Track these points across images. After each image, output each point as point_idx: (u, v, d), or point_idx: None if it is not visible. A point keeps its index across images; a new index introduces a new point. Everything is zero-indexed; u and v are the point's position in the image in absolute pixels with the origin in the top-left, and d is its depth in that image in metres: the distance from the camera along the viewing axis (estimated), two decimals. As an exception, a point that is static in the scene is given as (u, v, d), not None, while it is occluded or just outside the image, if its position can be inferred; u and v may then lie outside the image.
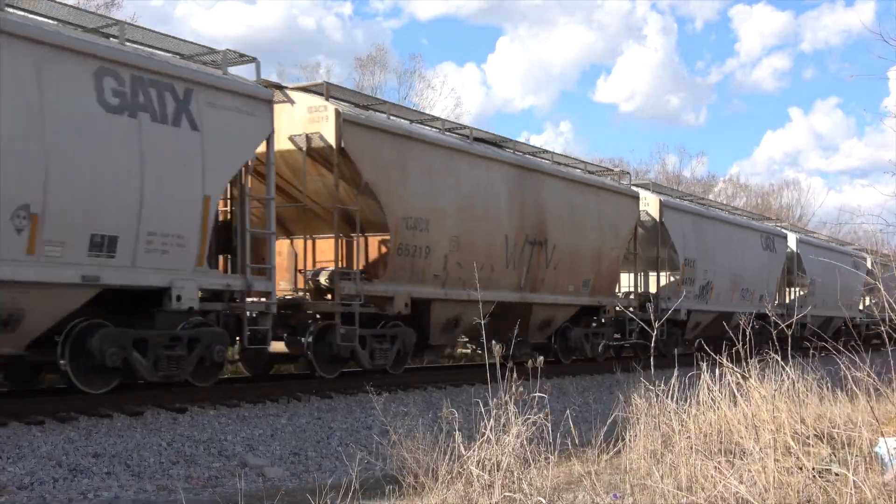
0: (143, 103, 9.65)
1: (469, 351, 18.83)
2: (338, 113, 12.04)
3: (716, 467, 5.30)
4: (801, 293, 27.20)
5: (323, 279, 12.54)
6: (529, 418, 5.27)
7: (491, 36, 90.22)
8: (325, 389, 12.25)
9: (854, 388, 6.58)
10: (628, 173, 21.81)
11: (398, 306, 12.87)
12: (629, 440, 6.34)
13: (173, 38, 10.86)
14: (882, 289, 6.67)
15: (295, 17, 65.20)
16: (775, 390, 6.63)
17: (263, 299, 11.42)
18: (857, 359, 6.28)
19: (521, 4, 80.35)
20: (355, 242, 12.89)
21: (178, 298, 10.03)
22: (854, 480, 4.77)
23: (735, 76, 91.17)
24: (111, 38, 10.07)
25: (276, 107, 11.59)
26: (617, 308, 18.07)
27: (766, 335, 6.63)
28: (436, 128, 14.61)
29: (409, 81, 38.73)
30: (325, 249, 12.95)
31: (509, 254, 15.14)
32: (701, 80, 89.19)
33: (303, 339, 12.23)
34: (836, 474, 5.10)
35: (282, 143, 12.07)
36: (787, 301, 26.84)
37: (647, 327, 6.69)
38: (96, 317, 9.65)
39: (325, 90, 12.53)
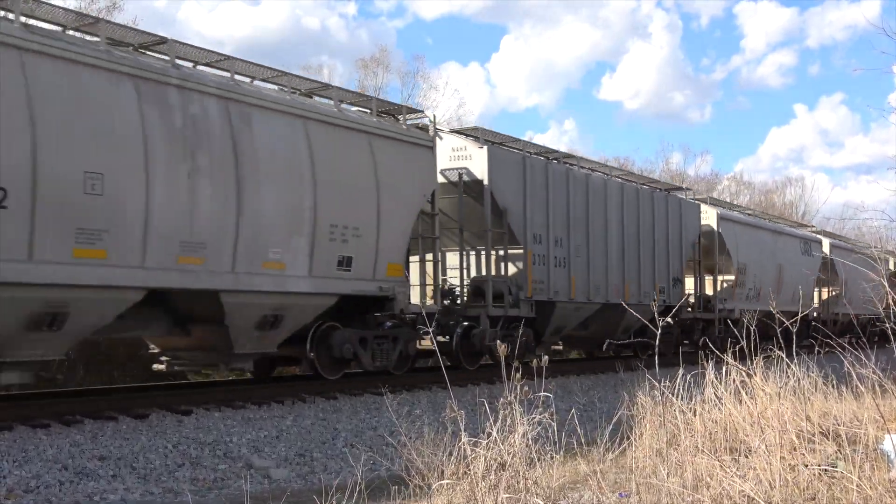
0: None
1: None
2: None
3: (721, 465, 5.30)
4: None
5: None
6: (534, 417, 5.27)
7: (495, 35, 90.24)
8: (329, 391, 12.33)
9: (859, 385, 6.57)
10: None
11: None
12: (634, 439, 6.33)
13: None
14: (886, 285, 6.67)
15: (299, 18, 65.25)
16: (780, 388, 6.63)
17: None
18: (861, 356, 6.29)
19: (526, 3, 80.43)
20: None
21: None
22: (859, 478, 4.77)
23: (740, 73, 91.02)
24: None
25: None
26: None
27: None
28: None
29: (411, 82, 38.79)
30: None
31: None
32: (706, 77, 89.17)
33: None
34: (842, 472, 5.09)
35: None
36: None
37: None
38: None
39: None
